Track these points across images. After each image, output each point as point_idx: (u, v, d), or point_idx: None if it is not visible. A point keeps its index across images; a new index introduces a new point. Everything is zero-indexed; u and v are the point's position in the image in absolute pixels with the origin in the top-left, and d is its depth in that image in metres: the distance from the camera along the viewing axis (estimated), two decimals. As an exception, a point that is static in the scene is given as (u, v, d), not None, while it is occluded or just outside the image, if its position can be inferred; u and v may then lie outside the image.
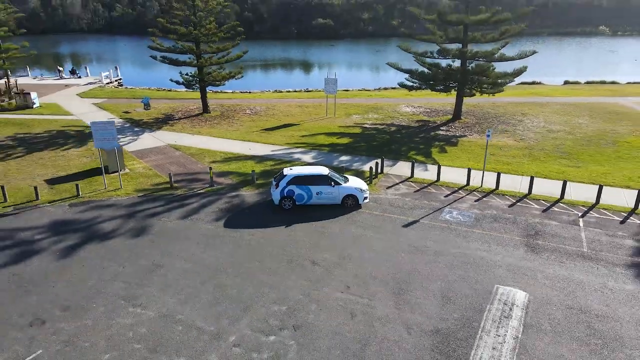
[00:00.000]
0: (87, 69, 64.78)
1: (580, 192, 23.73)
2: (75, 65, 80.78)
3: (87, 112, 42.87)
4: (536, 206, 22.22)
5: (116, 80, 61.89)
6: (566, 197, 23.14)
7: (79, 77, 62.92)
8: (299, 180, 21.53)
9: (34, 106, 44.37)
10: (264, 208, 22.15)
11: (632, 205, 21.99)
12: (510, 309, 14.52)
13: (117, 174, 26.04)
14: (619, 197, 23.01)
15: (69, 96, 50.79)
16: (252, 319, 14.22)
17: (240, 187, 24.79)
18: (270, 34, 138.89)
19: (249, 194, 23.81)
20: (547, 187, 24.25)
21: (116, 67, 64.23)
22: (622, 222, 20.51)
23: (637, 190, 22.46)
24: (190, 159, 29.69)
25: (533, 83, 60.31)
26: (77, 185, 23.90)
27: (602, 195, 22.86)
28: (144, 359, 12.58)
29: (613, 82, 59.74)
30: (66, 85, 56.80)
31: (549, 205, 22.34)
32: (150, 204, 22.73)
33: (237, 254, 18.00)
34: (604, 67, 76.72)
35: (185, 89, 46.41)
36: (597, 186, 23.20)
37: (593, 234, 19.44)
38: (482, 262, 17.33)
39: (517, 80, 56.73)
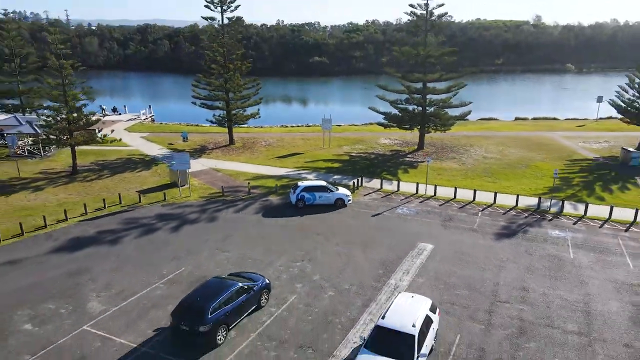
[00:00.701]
0: (126, 107, 78.41)
1: (487, 197, 37.01)
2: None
3: (140, 144, 56.19)
4: (456, 205, 35.49)
5: (150, 117, 75.56)
6: (477, 199, 36.41)
7: (119, 115, 76.52)
8: (308, 189, 34.72)
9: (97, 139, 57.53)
10: (285, 207, 35.23)
11: (514, 204, 35.27)
12: (422, 252, 27.57)
13: (184, 187, 39.09)
14: (510, 200, 36.26)
15: (119, 131, 64.11)
16: (287, 257, 27.15)
17: (268, 195, 37.95)
18: (272, 70, 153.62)
19: (274, 199, 36.95)
20: (467, 194, 37.50)
21: (150, 106, 77.90)
22: (504, 214, 33.78)
23: (524, 196, 35.78)
24: (229, 178, 42.89)
25: (490, 119, 74.35)
26: (164, 193, 37.08)
27: (499, 199, 36.16)
28: (235, 269, 25.40)
29: (554, 118, 73.94)
30: (113, 122, 70.25)
31: (464, 204, 35.61)
32: (212, 205, 35.80)
33: (273, 230, 31.00)
34: (554, 104, 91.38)
35: (210, 124, 59.96)
36: (496, 193, 36.51)
37: (483, 219, 32.65)
38: (414, 233, 30.39)
39: (477, 116, 71.38)
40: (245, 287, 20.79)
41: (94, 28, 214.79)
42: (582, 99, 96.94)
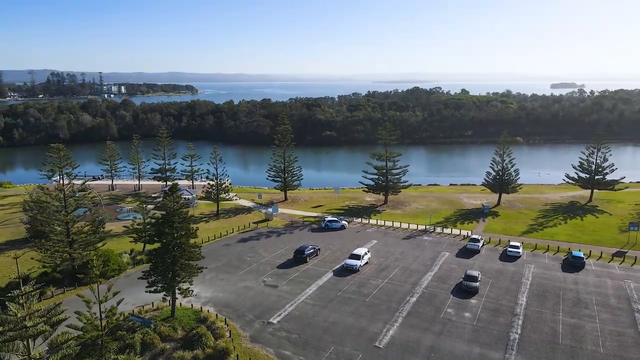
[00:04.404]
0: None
1: (406, 225, 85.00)
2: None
3: (237, 200, 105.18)
4: (392, 228, 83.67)
5: (229, 182, 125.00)
6: (402, 226, 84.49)
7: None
8: (329, 221, 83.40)
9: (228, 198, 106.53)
10: (319, 229, 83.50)
11: (415, 227, 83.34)
12: (372, 242, 75.59)
13: (272, 221, 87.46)
14: (415, 227, 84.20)
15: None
16: (323, 243, 75.08)
17: (312, 224, 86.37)
18: (293, 141, 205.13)
19: (315, 225, 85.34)
20: (398, 225, 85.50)
21: (229, 175, 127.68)
22: (410, 231, 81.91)
23: (421, 225, 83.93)
24: (291, 217, 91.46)
25: (434, 184, 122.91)
26: (267, 223, 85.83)
27: (411, 226, 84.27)
28: (317, 242, 73.20)
29: (473, 184, 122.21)
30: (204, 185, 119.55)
31: (396, 228, 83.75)
32: (288, 228, 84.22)
33: (316, 236, 79.12)
34: (481, 171, 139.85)
35: (270, 188, 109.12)
36: (410, 224, 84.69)
37: (400, 233, 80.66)
38: (371, 237, 78.34)
39: (428, 182, 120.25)
40: (313, 246, 68.97)
41: (153, 104, 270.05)
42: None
